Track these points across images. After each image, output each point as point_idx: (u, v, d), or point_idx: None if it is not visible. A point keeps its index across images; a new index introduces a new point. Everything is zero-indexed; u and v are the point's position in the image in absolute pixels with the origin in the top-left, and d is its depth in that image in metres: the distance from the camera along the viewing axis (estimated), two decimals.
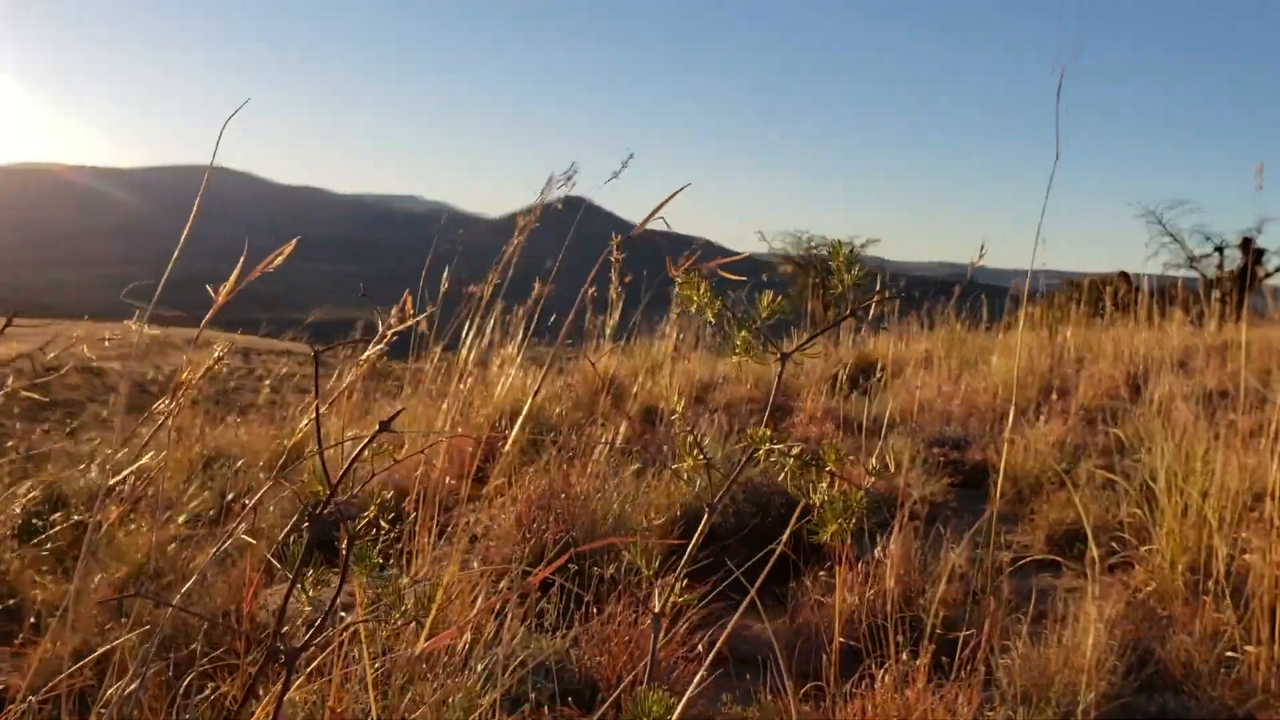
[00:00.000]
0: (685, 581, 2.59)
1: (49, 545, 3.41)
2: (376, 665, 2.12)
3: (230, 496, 4.08)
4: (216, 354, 1.17)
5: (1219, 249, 17.35)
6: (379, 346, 1.00)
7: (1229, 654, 2.92)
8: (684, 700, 2.51)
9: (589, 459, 3.81)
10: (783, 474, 1.00)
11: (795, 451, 1.01)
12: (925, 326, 8.78)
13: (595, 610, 2.80)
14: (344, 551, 0.88)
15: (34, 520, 3.64)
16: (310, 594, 0.92)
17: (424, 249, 4.62)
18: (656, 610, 1.03)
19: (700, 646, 2.75)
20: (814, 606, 3.23)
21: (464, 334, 4.08)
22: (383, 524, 0.91)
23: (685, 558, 1.14)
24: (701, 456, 1.02)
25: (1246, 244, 16.36)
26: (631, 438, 4.82)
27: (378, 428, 0.87)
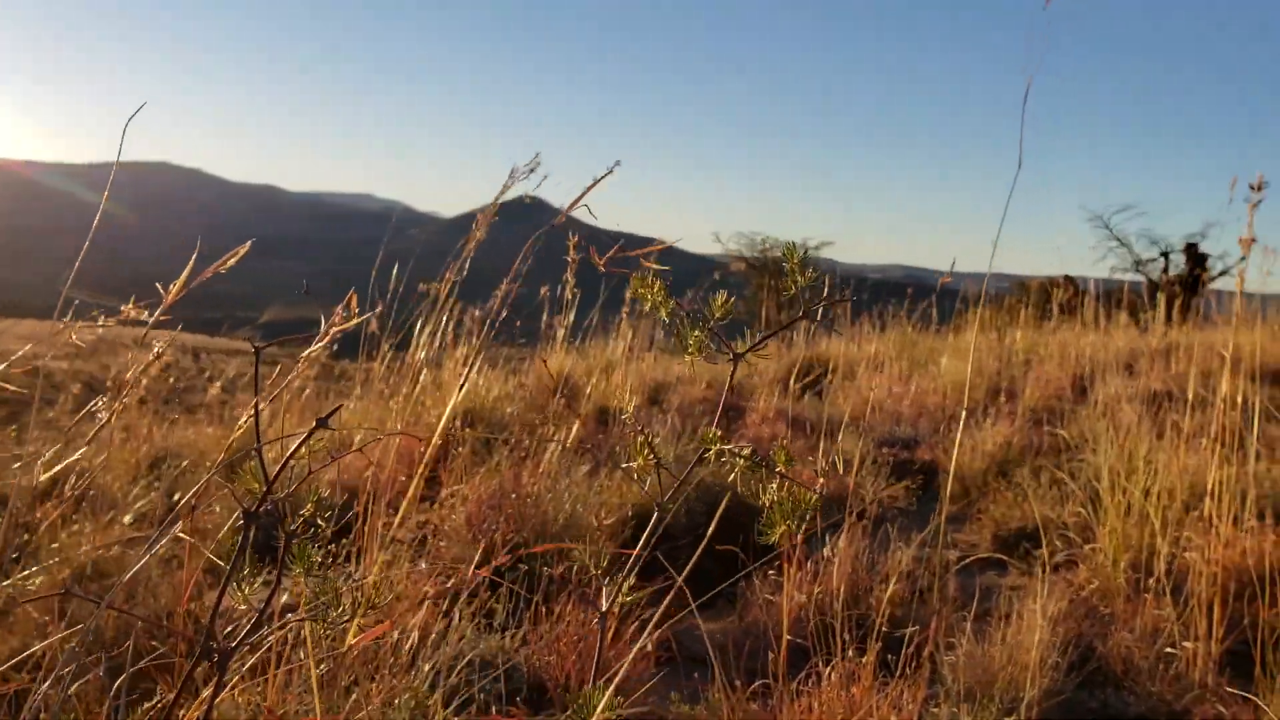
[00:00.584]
0: (633, 581, 2.59)
1: None
2: (321, 666, 2.10)
3: (177, 497, 4.03)
4: (156, 351, 1.15)
5: (1164, 254, 17.67)
6: (320, 345, 0.99)
7: (1168, 650, 2.98)
8: (630, 699, 2.51)
9: (541, 459, 3.80)
10: (732, 475, 1.01)
11: (745, 453, 1.02)
12: (877, 328, 8.87)
13: (545, 610, 2.80)
14: (281, 551, 0.88)
15: None
16: (246, 594, 0.91)
17: (379, 248, 4.59)
18: (603, 610, 1.03)
19: (650, 645, 2.75)
20: (763, 605, 3.25)
21: (415, 333, 4.05)
22: (320, 523, 0.91)
23: (634, 558, 1.14)
24: (652, 457, 1.03)
25: (1191, 249, 16.68)
26: (585, 438, 4.82)
27: (314, 425, 0.87)
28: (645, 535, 1.12)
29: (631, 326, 6.91)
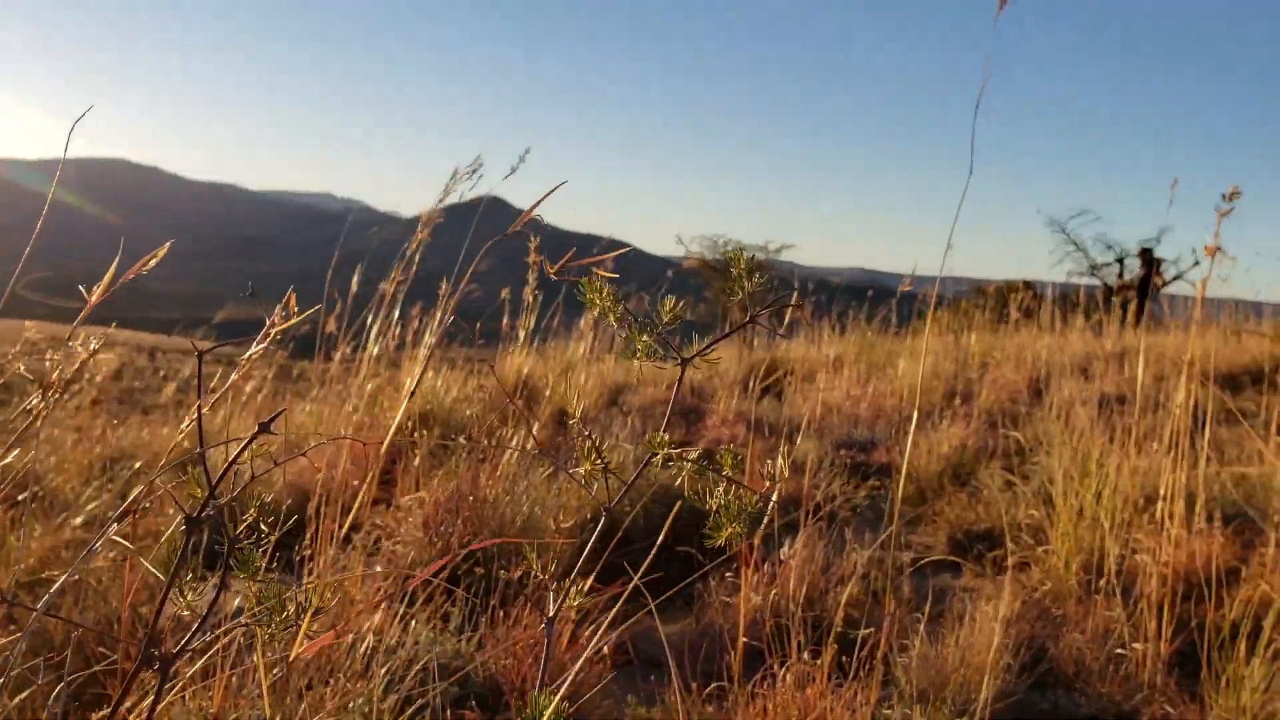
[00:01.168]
0: (584, 584, 2.59)
1: None
2: (275, 670, 2.08)
3: (131, 498, 3.97)
4: (90, 349, 1.13)
5: (1119, 259, 17.92)
6: (261, 346, 0.98)
7: (1118, 651, 3.02)
8: (586, 703, 2.51)
9: (499, 461, 3.78)
10: (679, 478, 1.01)
11: (693, 455, 1.02)
12: (837, 331, 8.92)
13: (501, 614, 2.79)
14: (225, 556, 0.87)
15: None
16: (189, 600, 0.89)
17: (335, 246, 4.55)
18: (551, 614, 1.03)
19: (607, 649, 2.75)
20: (720, 608, 3.26)
21: (368, 332, 4.02)
22: (264, 528, 0.90)
23: (584, 560, 1.14)
24: (599, 461, 1.02)
25: (1146, 253, 16.92)
26: (544, 440, 4.81)
27: (257, 429, 0.85)
28: (593, 539, 1.11)
29: (592, 328, 6.91)
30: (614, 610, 2.28)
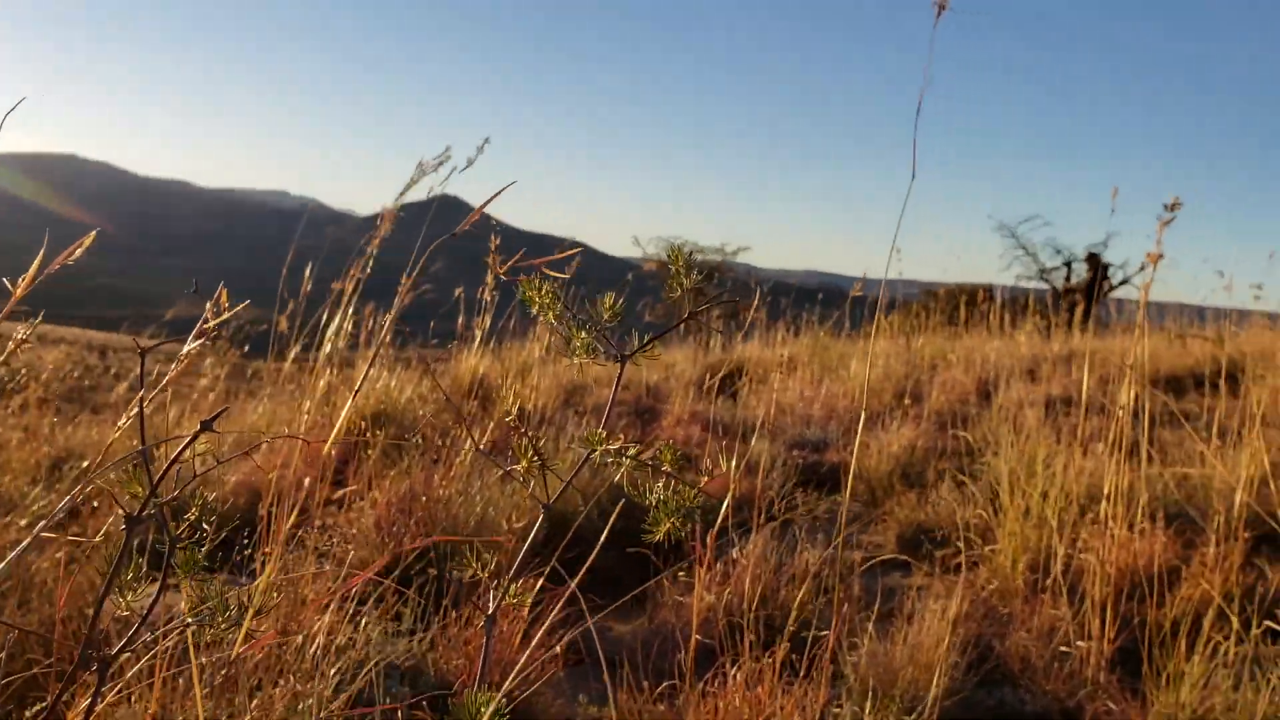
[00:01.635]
0: (534, 584, 2.59)
1: None
2: (222, 671, 2.06)
3: (80, 498, 3.91)
4: (12, 346, 1.12)
5: (1068, 263, 18.19)
6: (197, 342, 0.97)
7: (1063, 649, 3.07)
8: (537, 701, 2.50)
9: (453, 461, 3.77)
10: (619, 474, 1.02)
11: (631, 452, 1.03)
12: (792, 332, 8.97)
13: (454, 614, 2.78)
14: (166, 557, 0.86)
15: None
16: (128, 601, 0.89)
17: (290, 244, 4.52)
18: (489, 612, 1.03)
19: (560, 648, 2.75)
20: (673, 607, 3.27)
21: (321, 331, 4.00)
22: (206, 527, 0.89)
23: (537, 560, 1.15)
24: (537, 459, 1.03)
25: (1093, 258, 17.19)
26: (499, 440, 4.80)
27: (199, 427, 0.85)
28: (533, 536, 1.12)
29: (549, 329, 6.89)
30: (565, 610, 2.28)
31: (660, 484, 1.01)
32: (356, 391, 1.75)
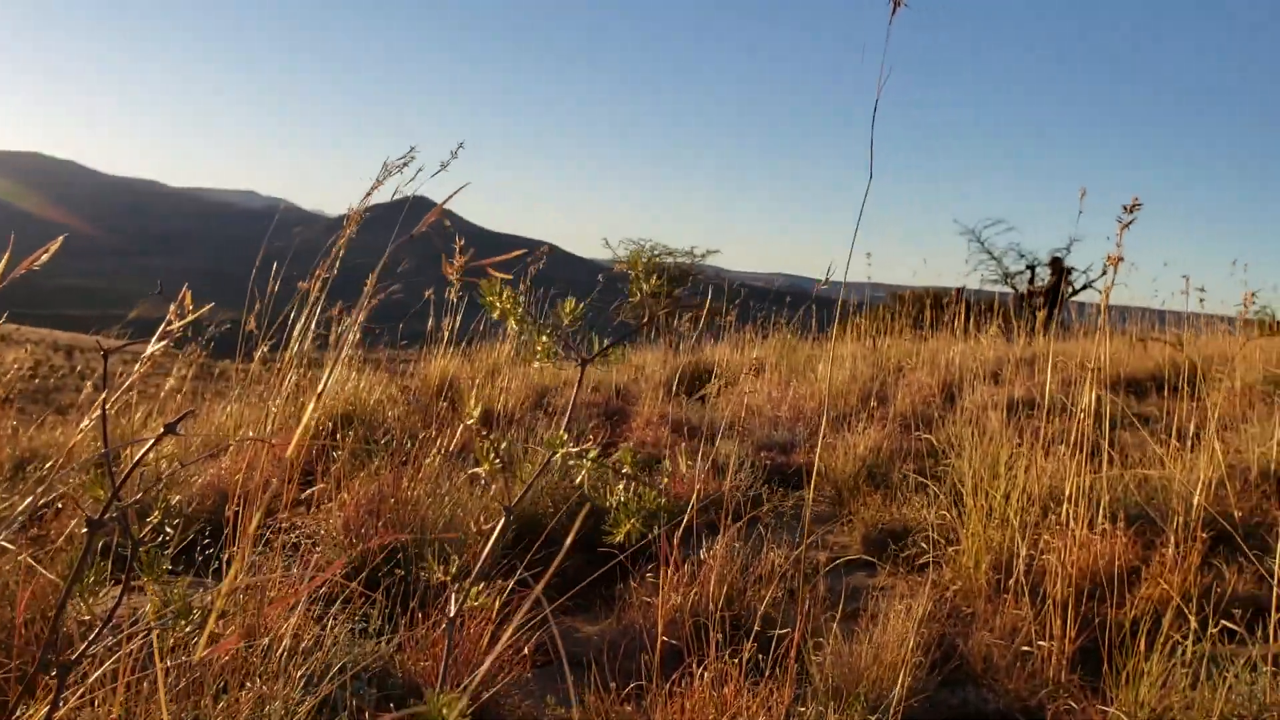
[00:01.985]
0: (504, 585, 2.60)
1: None
2: (186, 675, 2.06)
3: (43, 500, 3.88)
4: None
5: (1031, 267, 18.38)
6: (161, 344, 0.98)
7: (1025, 649, 3.10)
8: (482, 702, 2.51)
9: (422, 463, 3.77)
10: (580, 476, 1.03)
11: (592, 454, 1.04)
12: (760, 335, 9.03)
13: (421, 615, 2.78)
14: (129, 560, 0.86)
15: None
16: (90, 605, 0.89)
17: (261, 245, 4.50)
18: (452, 613, 1.05)
19: (526, 648, 2.76)
20: (640, 607, 3.28)
21: (289, 332, 3.98)
22: (169, 530, 0.90)
23: (506, 561, 1.16)
24: (499, 461, 1.04)
25: (1056, 262, 17.36)
26: (468, 442, 4.80)
27: (163, 430, 0.86)
28: (495, 539, 1.13)
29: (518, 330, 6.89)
30: (533, 611, 2.29)
31: (621, 486, 1.02)
32: (320, 394, 1.75)
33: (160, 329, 0.96)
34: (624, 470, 1.00)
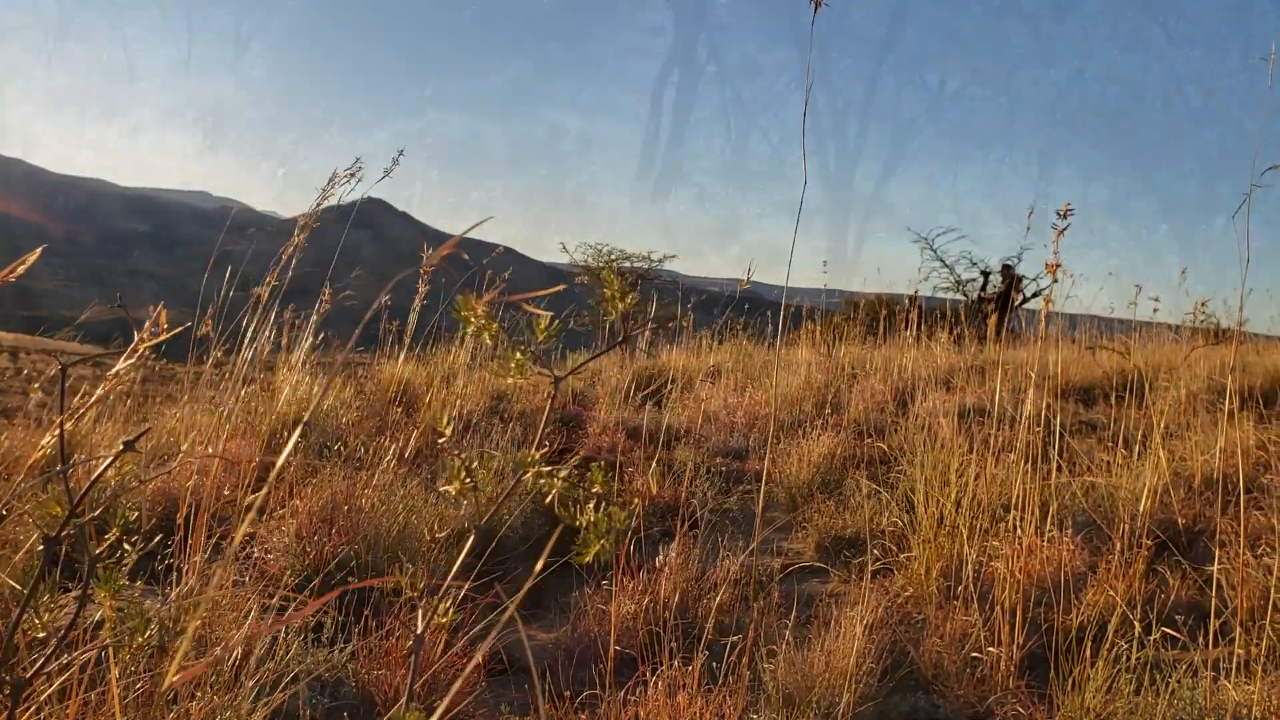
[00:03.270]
0: (457, 595, 2.59)
1: None
2: (139, 686, 2.03)
3: None
4: None
5: (984, 274, 18.59)
6: (130, 360, 0.97)
7: (974, 655, 3.14)
8: (459, 711, 2.50)
9: (376, 470, 3.75)
10: (550, 496, 1.03)
11: (562, 474, 1.05)
12: (716, 341, 9.07)
13: (374, 624, 2.77)
14: (86, 574, 0.86)
15: None
16: (46, 620, 0.89)
17: (213, 246, 4.45)
18: (420, 631, 1.05)
19: (480, 657, 2.76)
20: (595, 615, 3.29)
21: (244, 335, 3.94)
22: (127, 545, 0.89)
23: (459, 569, 1.16)
24: (470, 480, 1.05)
25: (1007, 270, 17.58)
26: (423, 448, 4.78)
27: (121, 447, 0.85)
28: (464, 553, 1.14)
29: (480, 344, 6.88)
30: (486, 619, 2.29)
31: (590, 505, 1.03)
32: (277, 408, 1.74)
33: (130, 347, 0.96)
34: (594, 490, 1.01)
